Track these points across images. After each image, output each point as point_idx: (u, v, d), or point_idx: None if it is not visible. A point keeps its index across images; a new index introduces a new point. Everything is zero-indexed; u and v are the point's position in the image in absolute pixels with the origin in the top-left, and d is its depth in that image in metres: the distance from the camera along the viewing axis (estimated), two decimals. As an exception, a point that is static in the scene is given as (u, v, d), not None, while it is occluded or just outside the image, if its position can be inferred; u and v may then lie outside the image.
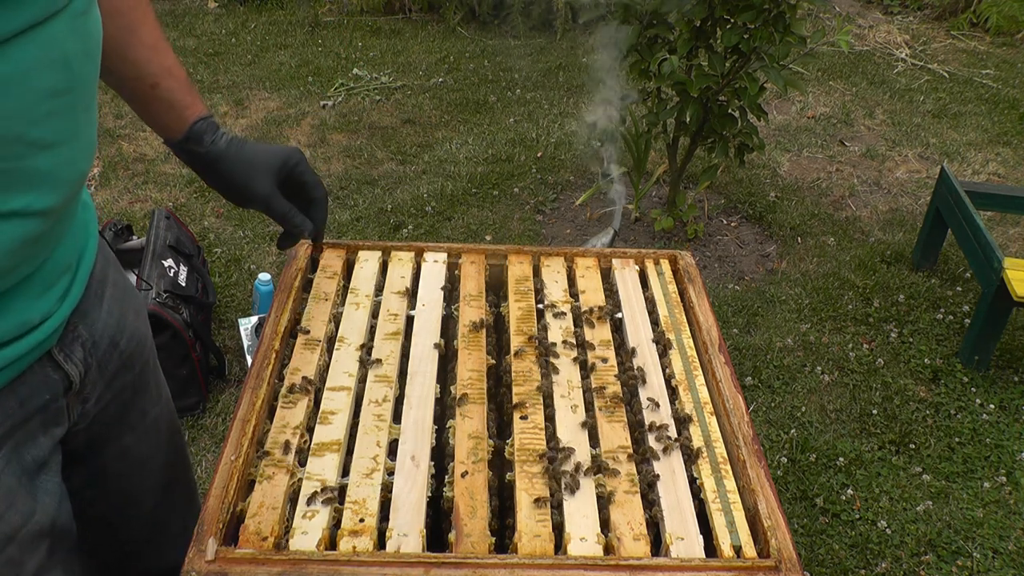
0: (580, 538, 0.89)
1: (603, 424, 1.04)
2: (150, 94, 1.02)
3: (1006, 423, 2.40)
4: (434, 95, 4.23)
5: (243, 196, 1.09)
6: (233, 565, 0.83)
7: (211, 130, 1.06)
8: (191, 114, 1.05)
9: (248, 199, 1.09)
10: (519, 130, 3.91)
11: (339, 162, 3.58)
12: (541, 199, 3.36)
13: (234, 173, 1.08)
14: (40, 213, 0.73)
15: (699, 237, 3.14)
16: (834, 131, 4.09)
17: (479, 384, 1.09)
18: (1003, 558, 2.02)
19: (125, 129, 3.74)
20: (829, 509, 2.12)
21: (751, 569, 0.87)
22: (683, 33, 2.72)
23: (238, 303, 2.73)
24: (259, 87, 4.22)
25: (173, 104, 1.04)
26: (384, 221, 3.13)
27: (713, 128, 2.87)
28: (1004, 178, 3.75)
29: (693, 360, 1.16)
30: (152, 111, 1.04)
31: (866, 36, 5.24)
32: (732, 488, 0.97)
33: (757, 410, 2.40)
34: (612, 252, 1.36)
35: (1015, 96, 4.51)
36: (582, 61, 4.71)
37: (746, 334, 2.69)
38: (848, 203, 3.49)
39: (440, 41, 4.92)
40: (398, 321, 1.19)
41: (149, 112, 1.05)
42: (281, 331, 1.13)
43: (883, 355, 2.63)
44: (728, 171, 3.54)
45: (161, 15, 5.03)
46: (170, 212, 2.64)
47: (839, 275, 2.98)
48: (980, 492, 2.19)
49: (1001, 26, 5.28)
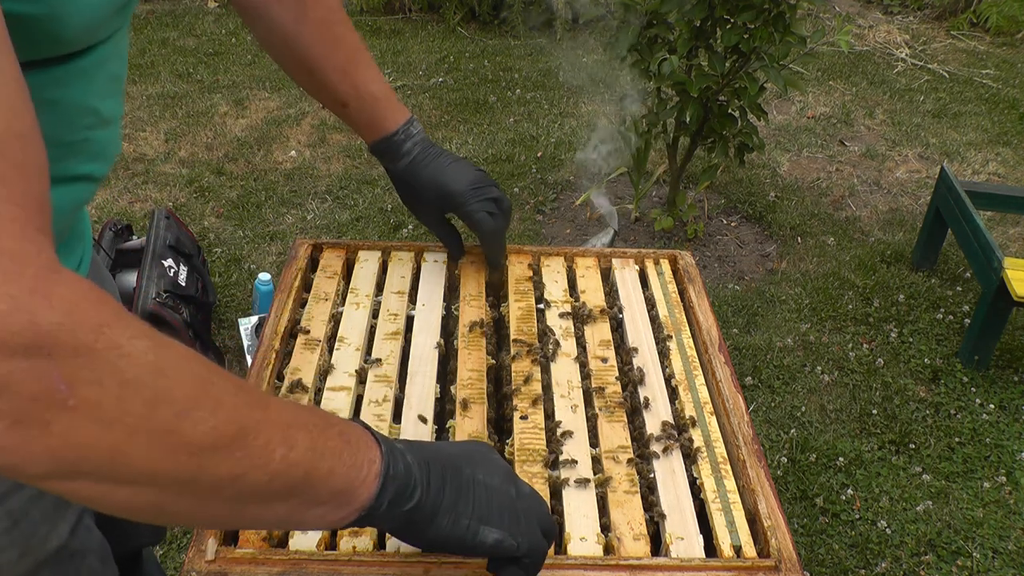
0: (580, 538, 0.89)
1: (603, 424, 1.04)
2: (342, 112, 1.16)
3: (1006, 423, 2.40)
4: (434, 95, 4.23)
5: (415, 214, 1.25)
6: (233, 565, 0.83)
7: (391, 150, 1.17)
8: (373, 135, 1.17)
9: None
10: (519, 130, 3.91)
11: (339, 162, 3.58)
12: (541, 199, 3.36)
13: (402, 197, 1.22)
14: (96, 179, 0.82)
15: (699, 237, 3.14)
16: (834, 131, 4.09)
17: (479, 384, 1.09)
18: (1003, 558, 2.02)
19: (125, 129, 3.75)
20: (829, 509, 2.12)
21: (751, 569, 0.87)
22: (683, 33, 2.72)
23: (238, 303, 2.73)
24: (259, 87, 4.22)
25: (359, 125, 1.17)
26: (384, 221, 3.13)
27: (713, 128, 2.87)
28: (1004, 178, 3.75)
29: (693, 360, 1.16)
30: (348, 123, 1.19)
31: (866, 36, 5.24)
32: (732, 488, 0.97)
33: (757, 410, 2.41)
34: (612, 252, 1.36)
35: (1015, 96, 4.51)
36: (582, 61, 4.71)
37: (746, 334, 2.69)
38: (848, 203, 3.49)
39: (440, 41, 4.92)
40: (398, 321, 1.19)
41: (346, 122, 1.19)
42: (281, 331, 1.13)
43: (883, 355, 2.63)
44: (728, 171, 3.54)
45: (161, 15, 5.04)
46: (170, 212, 2.64)
47: (839, 275, 2.98)
48: (980, 492, 2.19)
49: (1001, 26, 5.28)
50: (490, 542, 0.73)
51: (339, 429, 0.67)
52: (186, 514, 0.60)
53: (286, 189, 3.37)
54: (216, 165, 3.51)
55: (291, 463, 0.61)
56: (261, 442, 0.59)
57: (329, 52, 1.11)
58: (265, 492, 0.61)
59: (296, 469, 0.62)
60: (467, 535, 0.73)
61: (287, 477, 0.61)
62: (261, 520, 0.65)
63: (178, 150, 3.63)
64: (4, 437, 0.48)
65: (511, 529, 0.74)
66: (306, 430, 0.64)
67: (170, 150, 3.62)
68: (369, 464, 0.67)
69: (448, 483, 0.72)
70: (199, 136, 3.74)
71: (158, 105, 3.97)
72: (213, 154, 3.60)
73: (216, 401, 0.57)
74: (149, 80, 4.22)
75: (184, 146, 3.66)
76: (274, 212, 3.21)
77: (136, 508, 0.56)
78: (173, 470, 0.55)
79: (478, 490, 0.74)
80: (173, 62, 4.45)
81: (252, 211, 3.21)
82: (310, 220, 3.18)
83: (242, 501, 0.60)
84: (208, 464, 0.56)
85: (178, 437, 0.55)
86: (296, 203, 3.28)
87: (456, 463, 0.74)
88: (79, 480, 0.52)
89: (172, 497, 0.56)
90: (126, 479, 0.54)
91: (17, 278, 0.48)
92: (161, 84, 4.20)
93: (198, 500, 0.58)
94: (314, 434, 0.64)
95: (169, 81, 4.24)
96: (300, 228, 3.13)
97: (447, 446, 0.78)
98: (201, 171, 3.45)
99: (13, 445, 0.49)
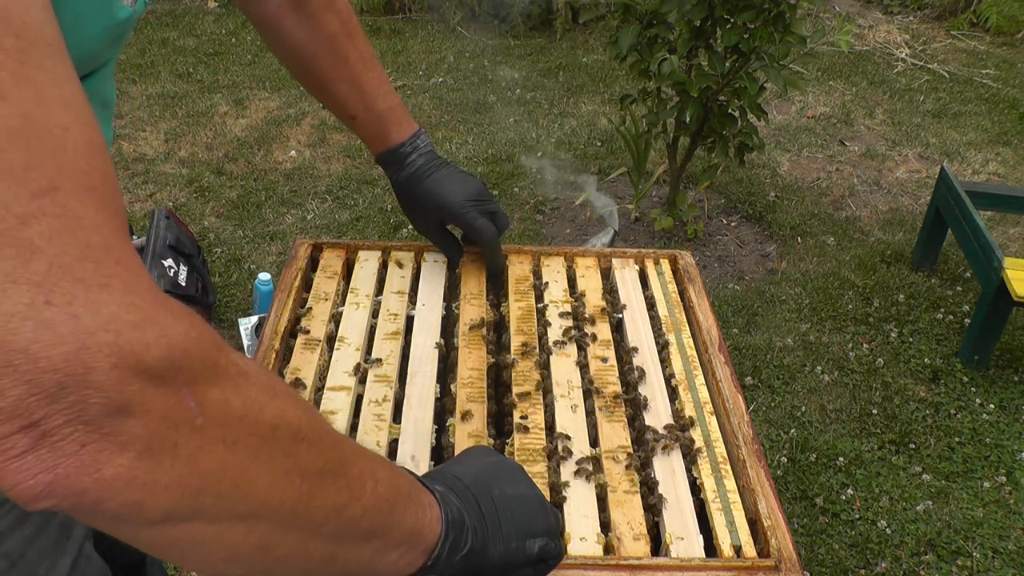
0: (580, 538, 0.89)
1: (603, 424, 1.04)
2: (351, 123, 1.20)
3: (1006, 423, 2.40)
4: (434, 95, 4.23)
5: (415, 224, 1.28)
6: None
7: (396, 161, 1.20)
8: (379, 147, 1.21)
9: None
10: (519, 130, 3.91)
11: (339, 162, 3.58)
12: (541, 199, 3.36)
13: (404, 207, 1.24)
14: None
15: (699, 237, 3.14)
16: (834, 131, 4.09)
17: (479, 383, 1.09)
18: (1003, 558, 2.02)
19: (125, 129, 3.75)
20: (829, 509, 2.12)
21: (751, 569, 0.87)
22: (683, 33, 2.72)
23: (238, 303, 2.73)
24: (259, 87, 4.22)
25: (367, 136, 1.21)
26: (384, 221, 3.13)
27: (713, 128, 2.87)
28: (1004, 178, 3.75)
29: (693, 360, 1.16)
30: (356, 133, 1.22)
31: (866, 36, 5.24)
32: (732, 488, 0.97)
33: (757, 410, 2.40)
34: (612, 252, 1.36)
35: (1015, 96, 4.51)
36: (582, 61, 4.71)
37: (746, 334, 2.69)
38: (848, 203, 3.49)
39: (440, 41, 4.92)
40: (398, 321, 1.19)
41: (355, 132, 1.23)
42: (281, 331, 1.13)
43: (883, 355, 2.63)
44: (728, 171, 3.54)
45: (161, 15, 5.04)
46: (170, 212, 2.64)
47: (839, 275, 2.98)
48: (980, 492, 2.19)
49: (1001, 26, 5.28)
50: (536, 552, 0.73)
51: (402, 470, 0.66)
52: (288, 557, 0.55)
53: (286, 189, 3.37)
54: (216, 165, 3.51)
55: (379, 497, 0.59)
56: (356, 472, 0.58)
57: (340, 65, 1.13)
58: (357, 529, 0.58)
59: (383, 505, 0.60)
60: (517, 555, 0.72)
61: (375, 513, 0.59)
62: (347, 567, 0.60)
63: (178, 150, 3.63)
64: (133, 468, 0.43)
65: (548, 531, 0.74)
66: (383, 466, 0.62)
67: (170, 150, 3.62)
68: (430, 506, 0.66)
69: (486, 513, 0.71)
70: (199, 136, 3.74)
71: (158, 105, 3.97)
72: (213, 154, 3.60)
73: (320, 427, 0.56)
74: (149, 80, 4.22)
75: (184, 146, 3.66)
76: (274, 212, 3.21)
77: (243, 553, 0.52)
78: (289, 498, 0.52)
79: (511, 505, 0.73)
80: (173, 62, 4.45)
81: (252, 211, 3.21)
82: (310, 220, 3.18)
83: (339, 540, 0.57)
84: (317, 491, 0.54)
85: (294, 460, 0.52)
86: (296, 203, 3.28)
87: (482, 486, 0.73)
88: (194, 521, 0.48)
89: (281, 534, 0.53)
90: (242, 512, 0.50)
91: (137, 288, 0.45)
92: (161, 84, 4.20)
93: (302, 538, 0.54)
94: (389, 470, 0.62)
95: (169, 81, 4.24)
96: (300, 228, 3.13)
97: (464, 467, 0.76)
98: (201, 171, 3.45)
99: (141, 477, 0.43)
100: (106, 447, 0.42)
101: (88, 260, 0.43)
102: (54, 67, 0.48)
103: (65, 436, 0.41)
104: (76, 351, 0.41)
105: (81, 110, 0.49)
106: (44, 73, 0.47)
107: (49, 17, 0.49)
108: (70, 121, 0.47)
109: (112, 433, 0.42)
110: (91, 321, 0.42)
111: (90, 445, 0.41)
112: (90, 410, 0.41)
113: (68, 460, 0.41)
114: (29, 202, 0.43)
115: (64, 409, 0.40)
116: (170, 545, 0.49)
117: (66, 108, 0.47)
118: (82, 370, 0.41)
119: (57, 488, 0.41)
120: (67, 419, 0.41)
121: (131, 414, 0.42)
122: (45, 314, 0.41)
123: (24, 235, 0.42)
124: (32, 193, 0.43)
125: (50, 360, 0.40)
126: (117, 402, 0.42)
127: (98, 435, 0.41)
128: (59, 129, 0.46)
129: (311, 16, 1.11)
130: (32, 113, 0.45)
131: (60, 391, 0.40)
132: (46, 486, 0.41)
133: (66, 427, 0.41)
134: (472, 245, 1.29)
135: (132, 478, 0.43)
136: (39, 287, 0.41)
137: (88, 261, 0.43)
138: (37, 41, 0.47)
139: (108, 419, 0.42)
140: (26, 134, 0.44)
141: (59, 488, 0.41)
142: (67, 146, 0.46)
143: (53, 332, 0.40)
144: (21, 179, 0.43)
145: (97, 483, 0.42)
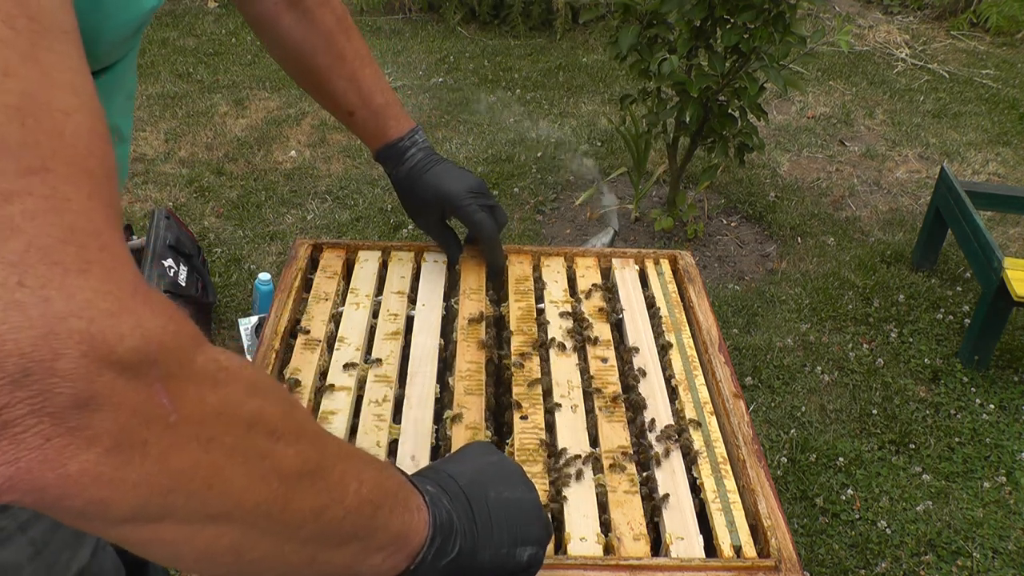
0: (580, 538, 0.89)
1: (603, 424, 1.04)
2: (348, 120, 1.19)
3: (1006, 423, 2.40)
4: (434, 95, 4.23)
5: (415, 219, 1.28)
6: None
7: (395, 156, 1.20)
8: (377, 142, 1.21)
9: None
10: (519, 130, 3.91)
11: (339, 162, 3.58)
12: (541, 199, 3.36)
13: (403, 202, 1.25)
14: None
15: (699, 237, 3.14)
16: (834, 131, 4.09)
17: (478, 376, 1.09)
18: (1003, 558, 2.02)
19: (125, 129, 3.75)
20: (829, 509, 2.12)
21: (751, 569, 0.86)
22: (683, 33, 2.72)
23: (238, 303, 2.73)
24: (259, 87, 4.22)
25: (365, 133, 1.20)
26: (384, 221, 3.13)
27: (713, 128, 2.87)
28: (1004, 178, 3.75)
29: (693, 360, 1.16)
30: (354, 131, 1.22)
31: (866, 36, 5.24)
32: (732, 488, 0.97)
33: (757, 410, 2.40)
34: (612, 252, 1.36)
35: (1015, 96, 4.51)
36: (582, 61, 4.71)
37: (746, 334, 2.69)
38: (848, 203, 3.49)
39: (440, 41, 4.92)
40: (398, 321, 1.19)
41: (352, 130, 1.22)
42: (281, 331, 1.13)
43: (883, 355, 2.63)
44: (728, 171, 3.54)
45: (161, 15, 5.04)
46: (170, 212, 2.64)
47: (839, 275, 2.98)
48: (980, 492, 2.19)
49: (1001, 26, 5.28)
50: (526, 560, 0.71)
51: (392, 470, 0.65)
52: (263, 559, 0.53)
53: (286, 189, 3.37)
54: (216, 165, 3.51)
55: (362, 499, 0.57)
56: (337, 474, 0.56)
57: (336, 62, 1.14)
58: (338, 532, 0.56)
59: (366, 507, 0.58)
60: (507, 561, 0.70)
61: (358, 515, 0.57)
62: (327, 569, 0.58)
63: (178, 150, 3.63)
64: (99, 464, 0.41)
65: (539, 541, 0.73)
66: (370, 466, 0.60)
67: (170, 150, 3.62)
68: (418, 509, 0.64)
69: (478, 516, 0.69)
70: (199, 136, 3.74)
71: (158, 105, 3.98)
72: (213, 154, 3.60)
73: (300, 426, 0.54)
74: (149, 80, 4.22)
75: (184, 146, 3.66)
76: (274, 212, 3.22)
77: (214, 554, 0.50)
78: (264, 500, 0.50)
79: (506, 510, 0.71)
80: (173, 62, 4.45)
81: (252, 211, 3.21)
82: (310, 220, 3.18)
83: (317, 543, 0.55)
84: (294, 494, 0.52)
85: (271, 461, 0.50)
86: (296, 203, 3.28)
87: (478, 488, 0.71)
88: (164, 521, 0.46)
89: (255, 537, 0.51)
90: (214, 513, 0.48)
91: (118, 277, 0.43)
92: (161, 84, 4.20)
93: (277, 541, 0.53)
94: (376, 471, 0.61)
95: (169, 81, 4.24)
96: (300, 228, 3.13)
97: (462, 466, 0.73)
98: (201, 171, 3.45)
99: (108, 475, 0.41)
100: (72, 442, 0.40)
101: (71, 244, 0.42)
102: (65, 53, 0.48)
103: (28, 428, 0.39)
104: (44, 335, 0.39)
105: (88, 98, 0.48)
106: (54, 56, 0.47)
107: (66, 4, 0.49)
108: (74, 107, 0.46)
109: (78, 427, 0.40)
110: (63, 306, 0.40)
111: (55, 439, 0.39)
112: (56, 400, 0.39)
113: (31, 454, 0.39)
114: (15, 179, 0.41)
115: (28, 398, 0.38)
116: (140, 543, 0.48)
117: (72, 94, 0.47)
118: (49, 356, 0.39)
119: (18, 483, 0.39)
120: (31, 409, 0.39)
121: (99, 408, 0.40)
122: (16, 295, 0.39)
123: (5, 212, 0.40)
124: (21, 171, 0.42)
125: (16, 343, 0.38)
126: (85, 393, 0.40)
127: (63, 429, 0.39)
128: (60, 113, 0.45)
129: (307, 12, 1.12)
130: (35, 93, 0.44)
131: (24, 377, 0.38)
132: (6, 480, 0.39)
133: (30, 418, 0.39)
134: (472, 244, 1.29)
135: (98, 475, 0.41)
136: (13, 267, 0.39)
137: (70, 245, 0.42)
138: (51, 27, 0.47)
139: (75, 412, 0.40)
140: (25, 112, 0.43)
141: (20, 483, 0.39)
142: (67, 130, 0.45)
143: (22, 314, 0.39)
144: (13, 155, 0.42)
145: (61, 479, 0.40)
